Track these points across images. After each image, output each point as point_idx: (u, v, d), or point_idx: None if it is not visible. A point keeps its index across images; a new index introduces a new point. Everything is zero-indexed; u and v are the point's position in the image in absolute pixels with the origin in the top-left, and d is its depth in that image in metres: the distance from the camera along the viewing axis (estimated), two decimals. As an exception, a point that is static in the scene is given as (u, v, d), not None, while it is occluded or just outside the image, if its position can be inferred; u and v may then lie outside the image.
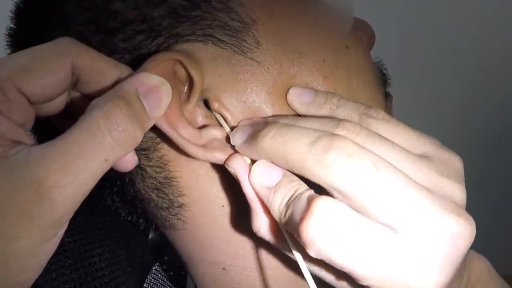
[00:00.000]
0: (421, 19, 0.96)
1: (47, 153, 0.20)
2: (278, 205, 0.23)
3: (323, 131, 0.23)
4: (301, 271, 0.24)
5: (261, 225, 0.25)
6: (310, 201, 0.21)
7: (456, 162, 0.24)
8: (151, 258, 0.41)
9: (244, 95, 0.27)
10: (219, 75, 0.27)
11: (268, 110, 0.27)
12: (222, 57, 0.27)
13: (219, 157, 0.26)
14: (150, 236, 0.42)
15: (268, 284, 0.31)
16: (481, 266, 0.28)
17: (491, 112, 1.06)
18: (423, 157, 0.24)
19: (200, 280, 0.33)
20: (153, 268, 0.40)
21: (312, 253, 0.21)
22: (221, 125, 0.27)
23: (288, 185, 0.23)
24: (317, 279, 0.24)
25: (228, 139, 0.27)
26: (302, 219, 0.21)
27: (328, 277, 0.25)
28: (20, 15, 0.31)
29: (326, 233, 0.21)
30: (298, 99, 0.27)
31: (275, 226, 0.25)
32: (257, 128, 0.25)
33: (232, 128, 0.27)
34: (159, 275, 0.40)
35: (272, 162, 0.24)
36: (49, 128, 0.27)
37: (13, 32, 0.31)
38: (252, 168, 0.25)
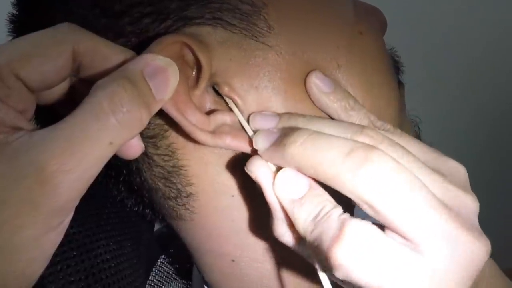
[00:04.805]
0: (431, 8, 0.96)
1: (49, 137, 0.19)
2: (303, 221, 0.22)
3: (354, 141, 0.22)
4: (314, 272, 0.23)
5: (283, 234, 0.24)
6: (342, 223, 0.21)
7: (461, 171, 0.24)
8: (156, 250, 0.40)
9: (256, 80, 0.26)
10: (229, 59, 0.26)
11: (280, 97, 0.26)
12: (232, 41, 0.26)
13: (228, 142, 0.26)
14: (156, 227, 0.42)
15: (278, 277, 0.30)
16: None
17: (503, 102, 1.06)
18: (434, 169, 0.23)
19: (207, 272, 0.32)
20: (159, 260, 0.40)
21: (339, 275, 0.21)
22: (230, 110, 0.26)
23: (314, 200, 0.23)
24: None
25: (238, 124, 0.26)
26: (333, 243, 0.21)
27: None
28: (21, 0, 0.30)
29: (358, 258, 0.20)
30: (318, 85, 0.26)
31: (299, 236, 0.24)
32: (283, 132, 0.24)
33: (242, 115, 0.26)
34: (165, 267, 0.40)
35: (299, 171, 0.23)
36: (54, 117, 0.26)
37: (15, 18, 0.30)
38: (277, 177, 0.23)
